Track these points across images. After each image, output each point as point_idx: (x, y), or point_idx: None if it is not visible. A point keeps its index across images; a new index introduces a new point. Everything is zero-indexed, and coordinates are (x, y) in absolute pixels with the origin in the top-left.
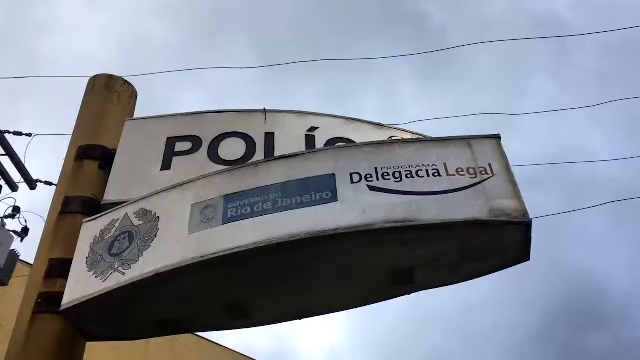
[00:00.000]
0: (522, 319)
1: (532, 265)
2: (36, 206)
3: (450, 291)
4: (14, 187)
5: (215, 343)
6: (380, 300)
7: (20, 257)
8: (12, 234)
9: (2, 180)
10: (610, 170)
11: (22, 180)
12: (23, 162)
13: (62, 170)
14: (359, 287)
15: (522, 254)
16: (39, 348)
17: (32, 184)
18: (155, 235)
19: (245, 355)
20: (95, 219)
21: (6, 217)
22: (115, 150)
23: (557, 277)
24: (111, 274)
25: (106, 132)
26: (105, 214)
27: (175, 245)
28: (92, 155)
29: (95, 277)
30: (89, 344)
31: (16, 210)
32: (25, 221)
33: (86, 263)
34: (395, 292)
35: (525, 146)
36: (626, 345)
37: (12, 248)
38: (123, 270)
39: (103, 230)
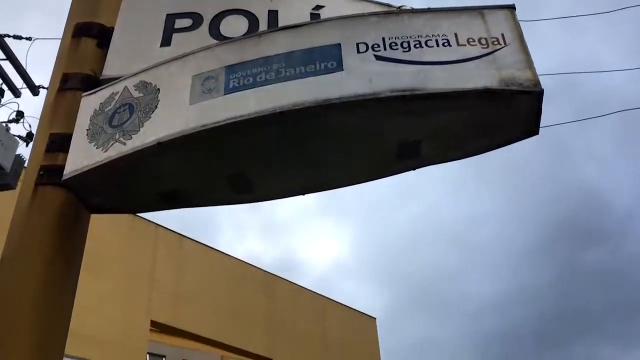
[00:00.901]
0: (522, 235)
1: (536, 182)
2: (39, 113)
3: (453, 206)
4: (16, 92)
5: (223, 252)
6: (385, 175)
7: (27, 162)
8: (17, 138)
9: (3, 84)
10: (622, 86)
11: (25, 86)
12: (24, 67)
13: (60, 48)
14: (364, 161)
15: (531, 127)
16: (42, 218)
17: (34, 89)
18: (156, 107)
19: (253, 265)
20: (95, 92)
21: (10, 121)
22: (113, 28)
23: (561, 194)
24: (112, 144)
25: (103, 10)
26: (105, 87)
27: (176, 116)
28: (89, 32)
29: (96, 148)
30: (99, 263)
31: (20, 114)
32: (30, 126)
33: (87, 135)
34: (401, 167)
35: (538, 59)
36: (626, 260)
37: (17, 153)
38: (124, 141)
39: (103, 103)
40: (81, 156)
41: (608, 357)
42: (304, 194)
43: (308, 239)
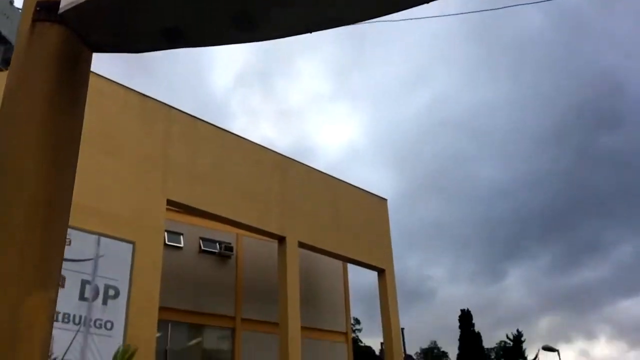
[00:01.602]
0: (536, 121)
1: (553, 66)
2: None
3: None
4: None
5: (237, 135)
6: (400, 9)
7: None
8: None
9: None
10: None
11: None
12: None
13: None
14: None
15: None
16: (42, 55)
17: None
18: None
19: (266, 148)
20: None
21: None
22: None
23: (578, 78)
24: None
25: None
26: None
27: None
28: None
29: None
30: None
31: None
32: None
33: None
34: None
35: None
36: (638, 145)
37: None
38: None
39: None
40: None
41: (614, 239)
42: (310, 32)
43: (321, 125)
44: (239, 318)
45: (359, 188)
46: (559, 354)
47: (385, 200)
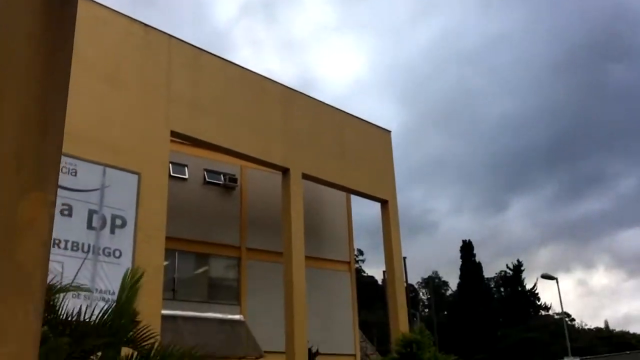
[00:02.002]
0: (547, 52)
1: None
2: None
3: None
4: None
5: (240, 66)
6: None
7: None
8: None
9: None
10: None
11: None
12: None
13: None
14: None
15: None
16: None
17: None
18: None
19: (270, 79)
20: None
21: None
22: None
23: (593, 9)
24: None
25: None
26: None
27: None
28: None
29: None
30: None
31: None
32: None
33: None
34: None
35: None
36: None
37: None
38: None
39: None
40: None
41: (618, 171)
42: None
43: (326, 57)
44: (244, 248)
45: (363, 120)
46: (557, 282)
47: (389, 132)
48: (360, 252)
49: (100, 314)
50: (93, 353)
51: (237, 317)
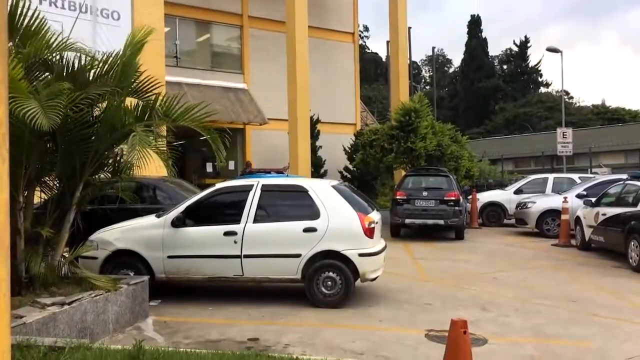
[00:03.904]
0: None
1: None
2: None
3: None
4: None
5: None
6: None
7: None
8: None
9: None
10: None
11: None
12: None
13: None
14: None
15: None
16: None
17: None
18: None
19: None
20: None
21: None
22: None
23: None
24: None
25: None
26: None
27: None
28: None
29: None
30: None
31: None
32: None
33: None
34: None
35: None
36: None
37: None
38: None
39: None
40: None
41: None
42: None
43: None
44: (245, 15)
45: None
46: (562, 55)
47: None
48: (366, 28)
49: (102, 64)
50: (98, 102)
51: (240, 85)
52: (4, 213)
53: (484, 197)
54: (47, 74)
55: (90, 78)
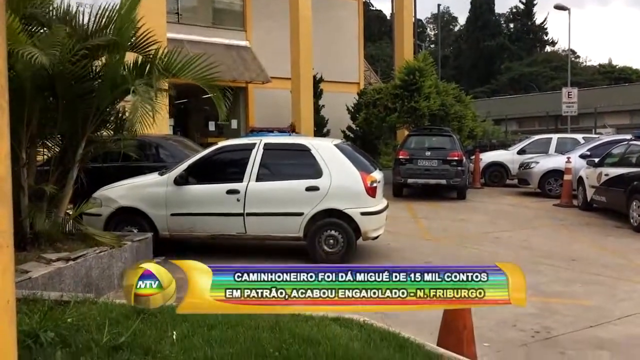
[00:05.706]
0: None
1: None
2: None
3: None
4: None
5: None
6: None
7: None
8: None
9: None
10: None
11: None
12: None
13: None
14: None
15: None
16: None
17: None
18: None
19: None
20: None
21: None
22: None
23: None
24: None
25: None
26: None
27: None
28: None
29: None
30: None
31: None
32: None
33: None
34: None
35: None
36: None
37: None
38: None
39: None
40: None
41: None
42: None
43: None
44: None
45: None
46: (569, 13)
47: None
48: None
49: (99, 18)
50: (97, 56)
51: (243, 43)
52: (4, 163)
53: (487, 157)
54: (45, 29)
55: (89, 32)
